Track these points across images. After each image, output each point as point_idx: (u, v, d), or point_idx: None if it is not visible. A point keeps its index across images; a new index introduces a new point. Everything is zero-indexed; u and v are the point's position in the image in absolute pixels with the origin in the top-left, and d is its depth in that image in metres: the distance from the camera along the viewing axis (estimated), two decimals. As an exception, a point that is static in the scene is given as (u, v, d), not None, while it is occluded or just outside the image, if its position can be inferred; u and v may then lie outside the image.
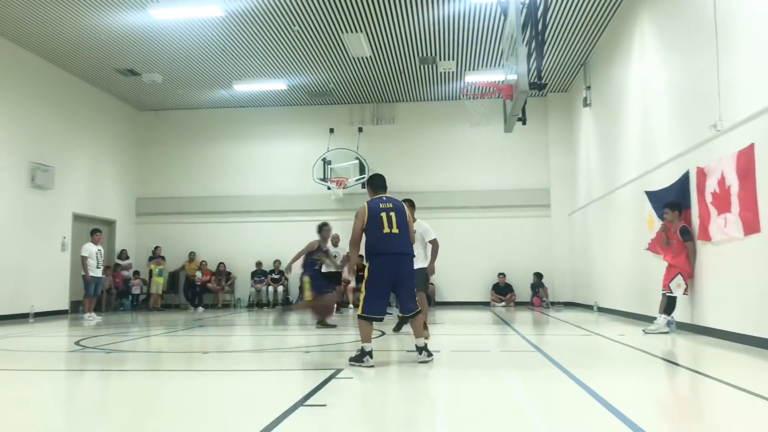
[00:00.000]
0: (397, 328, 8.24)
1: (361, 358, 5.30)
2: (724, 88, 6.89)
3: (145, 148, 17.26)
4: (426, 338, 6.35)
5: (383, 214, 5.53)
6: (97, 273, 12.03)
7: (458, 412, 3.82)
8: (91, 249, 11.96)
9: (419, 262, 7.08)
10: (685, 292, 7.76)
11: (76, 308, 13.70)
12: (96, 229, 12.68)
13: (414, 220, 7.04)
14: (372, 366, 5.24)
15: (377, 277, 5.48)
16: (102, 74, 14.26)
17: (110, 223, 15.92)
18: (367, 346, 5.32)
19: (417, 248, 7.04)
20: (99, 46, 12.47)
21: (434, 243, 7.54)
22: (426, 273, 7.54)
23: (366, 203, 5.68)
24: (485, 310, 14.01)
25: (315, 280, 9.45)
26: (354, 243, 5.65)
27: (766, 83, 6.01)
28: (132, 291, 15.74)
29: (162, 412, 3.86)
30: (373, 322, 5.49)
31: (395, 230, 5.51)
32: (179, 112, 17.26)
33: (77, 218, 14.26)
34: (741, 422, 3.49)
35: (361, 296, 5.53)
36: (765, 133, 6.04)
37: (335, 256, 11.96)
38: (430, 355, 5.53)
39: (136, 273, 15.91)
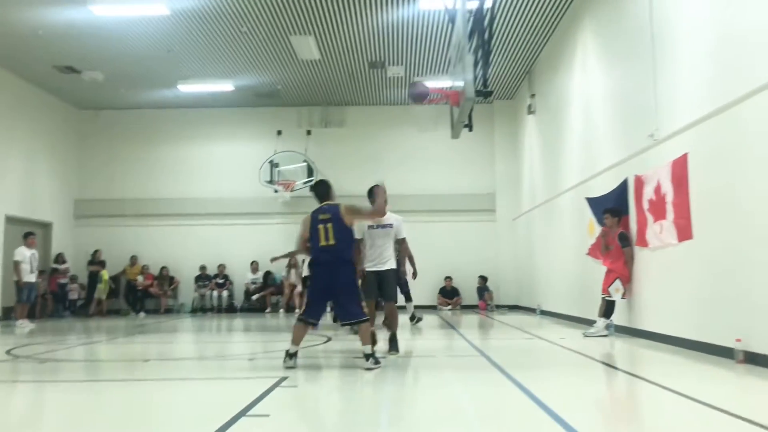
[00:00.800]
0: (391, 344, 6.74)
1: (285, 357, 5.59)
2: (660, 98, 7.16)
3: (84, 148, 16.64)
4: (397, 352, 6.56)
5: (321, 226, 5.73)
6: (31, 278, 11.51)
7: (403, 419, 3.82)
8: (24, 253, 11.44)
9: (392, 263, 6.65)
10: (624, 297, 7.99)
11: (7, 315, 13.05)
12: (29, 232, 12.13)
13: (384, 213, 6.44)
14: (291, 367, 5.47)
15: (314, 286, 5.87)
16: (38, 71, 13.65)
17: (46, 226, 15.28)
18: (292, 348, 5.60)
19: (390, 248, 6.64)
20: (35, 41, 11.96)
21: (402, 243, 6.90)
22: (398, 275, 6.87)
23: (309, 213, 5.91)
24: (432, 313, 14.11)
25: None
26: (298, 250, 6.17)
27: (700, 95, 6.28)
28: (69, 296, 15.16)
29: (98, 425, 3.71)
30: (309, 327, 5.83)
31: (331, 242, 5.70)
32: (122, 112, 16.72)
33: (10, 220, 13.63)
34: (674, 424, 3.61)
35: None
36: (698, 143, 6.30)
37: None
38: (377, 362, 5.54)
39: (74, 277, 15.34)
